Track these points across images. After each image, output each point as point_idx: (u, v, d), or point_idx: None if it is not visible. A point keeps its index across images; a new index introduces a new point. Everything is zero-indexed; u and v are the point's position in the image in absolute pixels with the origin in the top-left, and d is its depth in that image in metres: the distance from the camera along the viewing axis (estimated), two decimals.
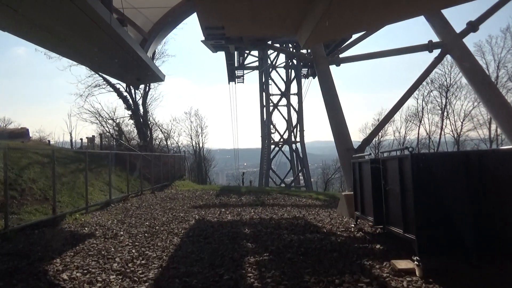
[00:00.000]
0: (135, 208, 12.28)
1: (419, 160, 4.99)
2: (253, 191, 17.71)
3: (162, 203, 13.69)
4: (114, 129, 26.44)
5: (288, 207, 12.29)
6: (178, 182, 21.97)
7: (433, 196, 4.92)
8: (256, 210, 11.73)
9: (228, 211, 11.51)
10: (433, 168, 4.95)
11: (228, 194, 16.55)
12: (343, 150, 12.18)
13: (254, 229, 8.26)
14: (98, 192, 14.22)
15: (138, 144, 23.45)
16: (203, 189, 19.30)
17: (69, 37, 9.13)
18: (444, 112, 31.30)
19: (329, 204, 13.08)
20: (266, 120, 36.34)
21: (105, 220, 9.88)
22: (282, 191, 17.33)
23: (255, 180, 48.57)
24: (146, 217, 10.43)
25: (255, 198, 14.95)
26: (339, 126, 12.66)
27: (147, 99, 27.50)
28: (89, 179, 15.46)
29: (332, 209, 11.75)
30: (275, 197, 15.03)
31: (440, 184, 4.93)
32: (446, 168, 5.02)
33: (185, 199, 15.04)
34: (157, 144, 28.75)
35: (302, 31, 11.08)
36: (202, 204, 13.31)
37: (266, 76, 36.13)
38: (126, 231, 8.36)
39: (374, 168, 6.69)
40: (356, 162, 7.92)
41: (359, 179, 7.70)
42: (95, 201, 12.77)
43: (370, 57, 13.98)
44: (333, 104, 13.12)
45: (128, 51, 10.64)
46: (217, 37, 13.12)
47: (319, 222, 9.12)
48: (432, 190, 4.92)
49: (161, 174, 19.80)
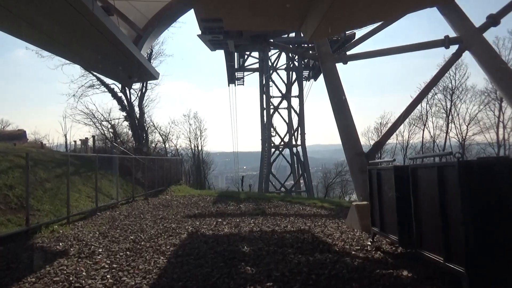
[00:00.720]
0: (123, 218, 11.08)
1: (471, 169, 3.82)
2: (253, 197, 16.51)
3: (154, 211, 12.48)
4: (109, 131, 25.31)
5: (291, 217, 11.10)
6: (174, 187, 20.76)
7: (492, 214, 3.75)
8: (257, 220, 10.53)
9: (226, 222, 10.31)
10: (492, 179, 3.77)
11: (226, 201, 15.35)
12: (352, 155, 11.00)
13: (254, 247, 7.05)
14: (85, 199, 13.02)
15: (133, 147, 22.28)
16: (200, 195, 18.10)
17: (45, 25, 8.02)
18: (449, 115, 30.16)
19: (336, 214, 11.89)
20: (267, 123, 35.20)
21: (85, 233, 8.67)
22: (284, 198, 16.13)
23: (254, 184, 47.30)
24: (133, 228, 9.23)
25: (255, 206, 13.75)
26: (347, 128, 11.49)
27: (143, 100, 26.37)
28: (76, 184, 14.31)
29: (340, 220, 10.56)
30: (277, 205, 13.83)
31: (502, 199, 3.75)
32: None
33: (179, 206, 13.84)
34: (153, 147, 27.53)
35: (308, 24, 9.94)
36: (197, 213, 12.10)
37: (266, 78, 35.03)
38: (105, 247, 7.15)
39: (399, 178, 5.51)
40: (374, 170, 6.74)
41: (377, 190, 6.52)
42: (80, 209, 11.57)
43: (381, 53, 12.86)
44: (340, 105, 11.96)
45: (116, 44, 9.48)
46: (215, 31, 11.97)
47: (328, 237, 7.93)
48: (490, 207, 3.74)
49: (155, 179, 18.61)
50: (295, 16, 9.79)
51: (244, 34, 13.26)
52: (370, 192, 6.96)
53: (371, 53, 13.11)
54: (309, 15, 9.41)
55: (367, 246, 6.88)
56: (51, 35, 8.54)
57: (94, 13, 7.39)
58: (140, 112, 25.89)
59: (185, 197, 17.09)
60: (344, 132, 11.67)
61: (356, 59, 13.33)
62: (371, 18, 10.25)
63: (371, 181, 6.88)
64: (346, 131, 11.38)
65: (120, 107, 24.29)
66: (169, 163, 21.48)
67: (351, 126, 11.47)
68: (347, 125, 11.55)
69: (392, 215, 5.78)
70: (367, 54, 13.13)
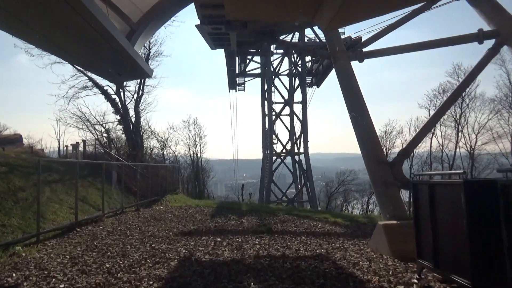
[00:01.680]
0: (106, 235, 9.34)
1: None
2: (255, 210, 14.78)
3: (143, 226, 10.74)
4: (102, 136, 23.60)
5: (302, 236, 9.37)
6: (170, 197, 19.00)
7: None
8: (263, 240, 8.80)
9: (226, 242, 8.59)
10: None
11: (226, 213, 13.61)
12: (373, 163, 9.32)
13: (263, 284, 5.33)
14: (66, 211, 11.27)
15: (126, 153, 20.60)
16: (198, 206, 16.35)
17: (19, 11, 6.44)
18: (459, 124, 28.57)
19: (353, 232, 10.17)
20: (268, 129, 33.57)
21: (53, 257, 6.94)
22: (290, 211, 14.39)
23: (255, 193, 45.48)
24: (114, 251, 7.49)
25: (259, 220, 12.01)
26: (366, 133, 9.84)
27: (140, 103, 24.71)
28: (58, 193, 12.56)
29: (360, 241, 8.86)
30: (283, 220, 12.10)
31: None
32: None
33: (173, 220, 12.09)
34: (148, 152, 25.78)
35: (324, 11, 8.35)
36: (193, 229, 10.36)
37: (268, 83, 33.50)
38: (70, 282, 5.42)
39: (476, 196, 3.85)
40: (424, 184, 5.06)
41: (429, 211, 4.83)
42: (57, 223, 9.83)
43: (404, 49, 11.27)
44: (357, 107, 10.33)
45: (101, 33, 7.85)
46: (215, 21, 10.43)
47: (355, 268, 6.21)
48: None
49: (149, 187, 16.87)
50: (310, 2, 8.23)
51: (249, 27, 11.67)
52: (415, 213, 5.27)
53: (393, 49, 11.51)
54: (326, 1, 7.87)
55: (413, 286, 5.17)
56: (25, 20, 6.96)
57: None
58: (136, 115, 24.28)
59: (181, 209, 15.34)
60: (363, 137, 10.01)
61: (374, 56, 11.72)
62: (394, 4, 8.72)
63: (418, 199, 5.19)
64: (365, 136, 9.73)
65: (114, 110, 22.67)
66: (165, 170, 19.77)
67: (370, 130, 9.82)
68: (366, 130, 9.89)
69: (460, 248, 4.09)
70: (387, 51, 11.53)
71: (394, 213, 8.34)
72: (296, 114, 33.59)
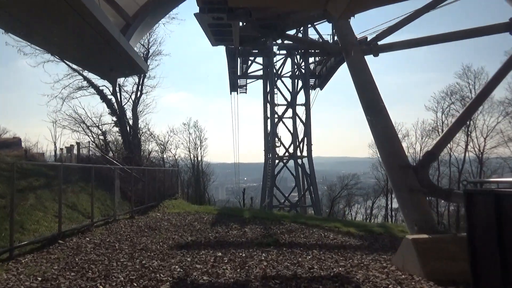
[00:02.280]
0: (91, 248, 8.16)
1: None
2: (258, 216, 13.58)
3: (135, 237, 9.56)
4: (99, 138, 22.49)
5: (314, 250, 8.19)
6: (168, 202, 17.81)
7: None
8: (269, 255, 7.63)
9: (227, 257, 7.42)
10: None
11: (228, 221, 12.43)
12: (394, 167, 8.15)
13: None
14: (51, 220, 10.10)
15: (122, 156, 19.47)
16: (197, 212, 15.16)
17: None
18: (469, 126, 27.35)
19: (370, 244, 8.98)
20: (270, 132, 32.42)
21: (23, 279, 5.77)
22: (296, 218, 13.17)
23: (256, 197, 44.26)
24: (96, 270, 6.32)
25: (264, 230, 10.83)
26: (385, 134, 8.69)
27: (138, 104, 23.60)
28: (43, 200, 11.38)
29: (380, 255, 7.70)
30: (290, 229, 10.91)
31: None
32: None
33: (169, 229, 10.91)
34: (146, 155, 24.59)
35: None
36: (191, 241, 9.18)
37: (271, 86, 32.40)
38: None
39: None
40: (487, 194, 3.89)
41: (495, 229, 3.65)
42: (38, 235, 8.67)
43: (425, 42, 10.18)
44: (374, 105, 9.18)
45: (89, 20, 6.78)
46: (216, 9, 9.33)
47: None
48: None
49: (146, 193, 15.70)
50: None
51: (254, 15, 10.55)
52: (470, 231, 4.09)
53: (412, 42, 10.40)
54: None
55: None
56: (13, 13, 5.89)
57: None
58: (134, 117, 23.13)
59: (179, 215, 14.16)
60: (381, 139, 8.86)
61: (390, 49, 10.59)
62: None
63: (474, 213, 4.02)
64: (385, 138, 8.57)
65: (110, 111, 21.57)
66: (163, 174, 18.61)
67: (390, 131, 8.67)
68: (385, 130, 8.74)
69: None
70: (405, 44, 10.42)
71: (421, 225, 7.18)
72: (299, 117, 32.49)
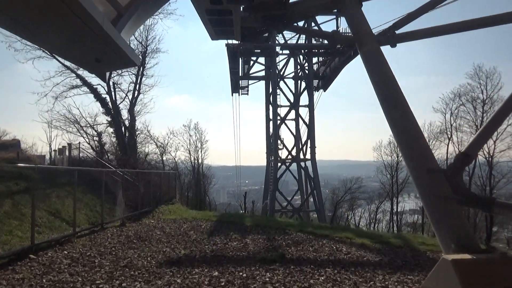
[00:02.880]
0: (66, 265, 6.90)
1: None
2: (261, 224, 12.31)
3: (121, 250, 8.30)
4: (94, 140, 21.28)
5: (327, 268, 6.91)
6: (165, 208, 16.54)
7: None
8: (275, 275, 6.36)
9: (225, 278, 6.16)
10: None
11: (227, 230, 11.17)
12: (420, 171, 6.86)
13: None
14: (27, 229, 8.85)
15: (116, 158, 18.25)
16: (194, 219, 13.91)
17: None
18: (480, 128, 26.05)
19: (391, 260, 7.70)
20: (273, 134, 31.19)
21: None
22: (302, 227, 11.88)
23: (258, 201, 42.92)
24: None
25: (267, 241, 9.57)
26: (409, 133, 7.41)
27: (135, 105, 22.37)
28: (21, 207, 10.18)
29: (405, 274, 6.43)
30: (297, 240, 9.63)
31: None
32: None
33: (161, 240, 9.65)
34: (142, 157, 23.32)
35: None
36: (183, 256, 7.91)
37: (273, 86, 31.21)
38: None
39: None
40: None
41: None
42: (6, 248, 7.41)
43: (448, 30, 8.88)
44: (394, 101, 7.91)
45: (73, 8, 5.56)
46: None
47: None
48: None
49: (139, 197, 14.46)
50: None
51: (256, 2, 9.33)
52: None
53: (432, 30, 9.15)
54: None
55: None
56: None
57: None
58: (131, 117, 21.92)
59: (175, 223, 12.90)
60: (403, 138, 7.60)
61: (410, 39, 9.33)
62: None
63: None
64: (407, 136, 7.30)
65: (104, 110, 20.37)
66: (160, 177, 17.37)
67: (414, 128, 7.40)
68: (407, 128, 7.47)
69: None
70: (426, 32, 9.17)
71: (459, 241, 5.90)
72: (303, 118, 31.28)
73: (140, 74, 22.31)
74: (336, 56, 29.77)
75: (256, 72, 33.91)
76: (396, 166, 34.12)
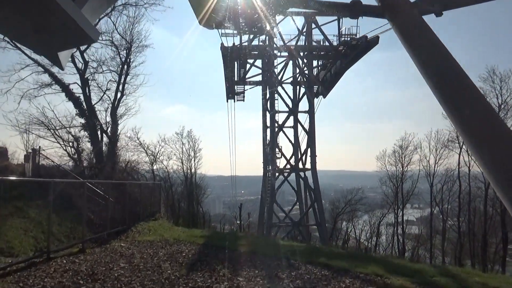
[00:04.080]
0: None
1: None
2: (259, 251, 9.58)
3: None
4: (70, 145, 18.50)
5: None
6: (144, 225, 13.72)
7: None
8: None
9: None
10: None
11: (214, 260, 8.42)
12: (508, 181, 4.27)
13: None
14: None
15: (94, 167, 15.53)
16: (177, 241, 11.16)
17: None
18: None
19: None
20: (270, 142, 28.56)
21: None
22: (310, 254, 9.14)
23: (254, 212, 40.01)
24: None
25: (267, 280, 6.83)
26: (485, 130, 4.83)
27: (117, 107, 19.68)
28: None
29: None
30: (308, 279, 6.91)
31: None
32: None
33: (120, 279, 6.87)
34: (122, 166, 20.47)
35: None
36: None
37: (271, 91, 28.73)
38: None
39: None
40: None
41: None
42: None
43: None
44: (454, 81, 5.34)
45: None
46: None
47: None
48: None
49: (109, 214, 11.66)
50: None
51: None
52: None
53: None
54: None
55: None
56: None
57: None
58: (113, 121, 19.21)
59: (151, 247, 10.14)
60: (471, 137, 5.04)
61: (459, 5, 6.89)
62: None
63: None
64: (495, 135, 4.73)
65: (78, 111, 17.68)
66: (139, 189, 14.60)
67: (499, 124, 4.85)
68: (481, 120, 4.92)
69: None
70: None
71: None
72: (302, 125, 28.74)
73: (124, 73, 19.72)
74: (338, 59, 27.46)
75: (252, 77, 31.53)
76: (402, 176, 31.56)
